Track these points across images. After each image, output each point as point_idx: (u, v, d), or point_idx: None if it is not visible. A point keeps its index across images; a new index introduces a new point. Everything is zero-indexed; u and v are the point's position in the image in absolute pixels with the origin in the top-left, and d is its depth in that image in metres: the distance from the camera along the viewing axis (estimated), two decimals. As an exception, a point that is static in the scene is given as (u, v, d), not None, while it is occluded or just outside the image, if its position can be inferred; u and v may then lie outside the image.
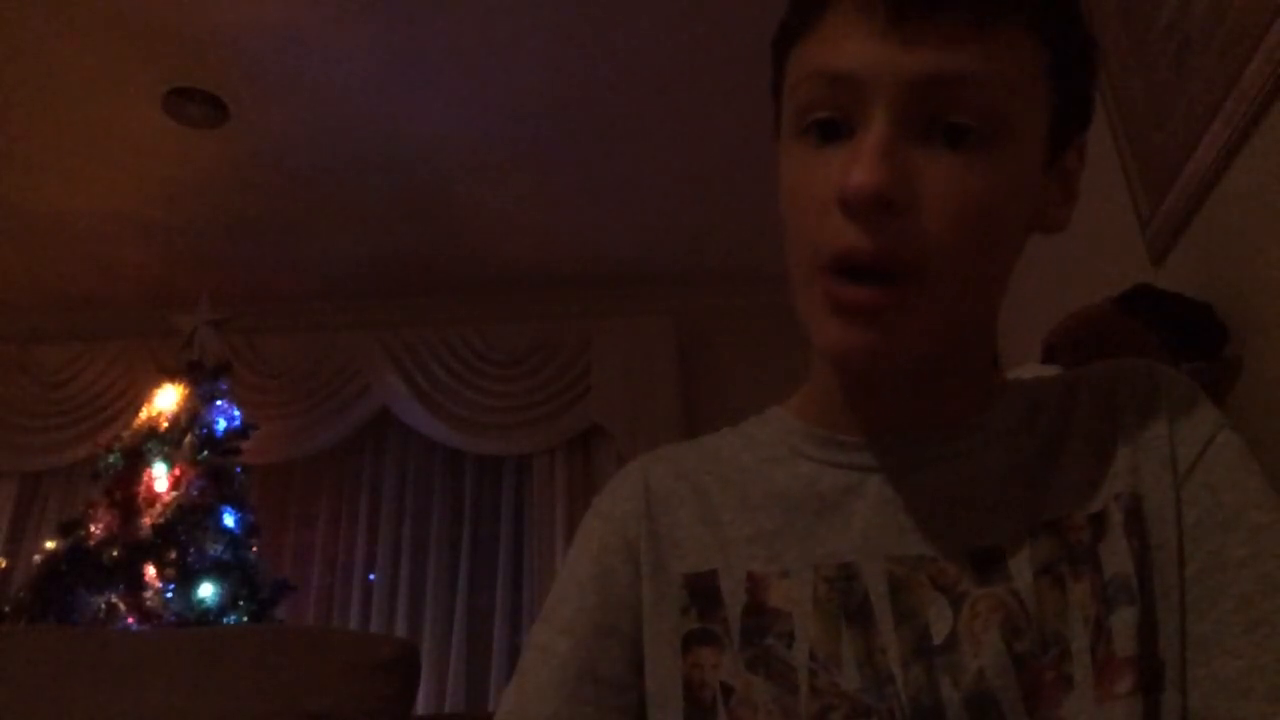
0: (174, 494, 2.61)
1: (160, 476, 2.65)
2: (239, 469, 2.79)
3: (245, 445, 2.85)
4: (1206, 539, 0.52)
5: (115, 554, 2.48)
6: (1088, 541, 0.53)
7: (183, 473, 2.65)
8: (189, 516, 2.56)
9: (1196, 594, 0.51)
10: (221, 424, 2.81)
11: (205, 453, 2.70)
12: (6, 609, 2.48)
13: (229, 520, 2.64)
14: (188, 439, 2.70)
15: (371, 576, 3.22)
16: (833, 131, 0.53)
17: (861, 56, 0.51)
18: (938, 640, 0.53)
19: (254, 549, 2.70)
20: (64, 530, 2.58)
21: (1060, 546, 0.54)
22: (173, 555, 2.49)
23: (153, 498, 2.60)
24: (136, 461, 2.67)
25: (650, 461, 0.67)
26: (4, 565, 3.03)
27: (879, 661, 0.53)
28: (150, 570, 2.47)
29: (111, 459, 2.70)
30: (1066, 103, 0.55)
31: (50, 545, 2.59)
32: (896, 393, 0.59)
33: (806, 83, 0.54)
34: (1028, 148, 0.53)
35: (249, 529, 2.70)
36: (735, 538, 0.60)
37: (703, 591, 0.58)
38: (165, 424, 2.75)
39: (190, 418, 2.76)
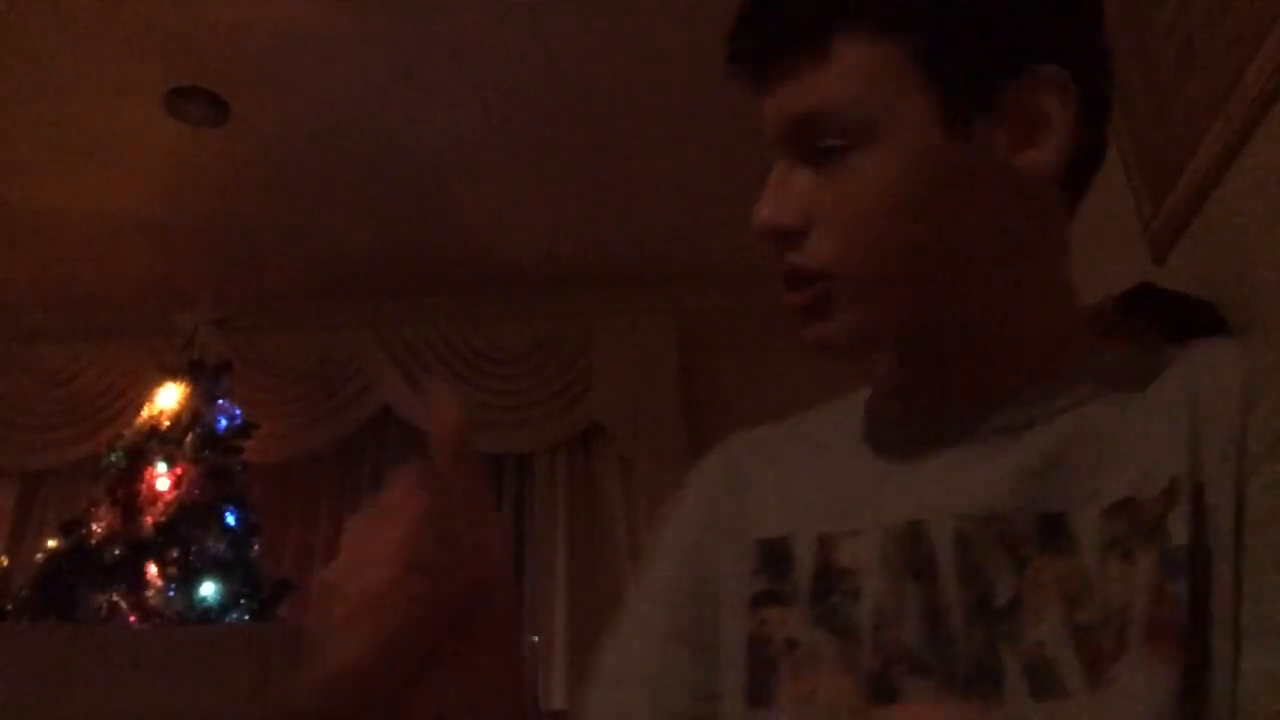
0: (175, 493, 2.61)
1: (162, 475, 2.65)
2: (240, 468, 2.79)
3: (247, 444, 2.85)
4: (1267, 533, 0.50)
5: (117, 552, 2.48)
6: (1158, 514, 0.52)
7: (184, 471, 2.65)
8: (190, 515, 2.57)
9: (1252, 588, 0.50)
10: (223, 423, 2.81)
11: (206, 451, 2.71)
12: (9, 607, 2.48)
13: (230, 519, 2.64)
14: (189, 438, 2.71)
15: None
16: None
17: (761, 119, 0.61)
18: (1000, 602, 0.53)
19: (255, 548, 2.70)
20: (65, 529, 2.58)
21: (1130, 522, 0.53)
22: (174, 554, 2.49)
23: (154, 496, 2.60)
24: (138, 460, 2.67)
25: (738, 440, 0.72)
26: (6, 564, 3.03)
27: (941, 619, 0.54)
28: (152, 569, 2.47)
29: (113, 458, 2.70)
30: (950, 68, 0.55)
31: (52, 544, 2.60)
32: (941, 367, 0.61)
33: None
34: (904, 135, 0.55)
35: (250, 528, 2.70)
36: (809, 501, 0.62)
37: (775, 556, 0.60)
38: (167, 423, 2.75)
39: (191, 416, 2.76)
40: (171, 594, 2.44)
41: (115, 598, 2.42)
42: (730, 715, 0.58)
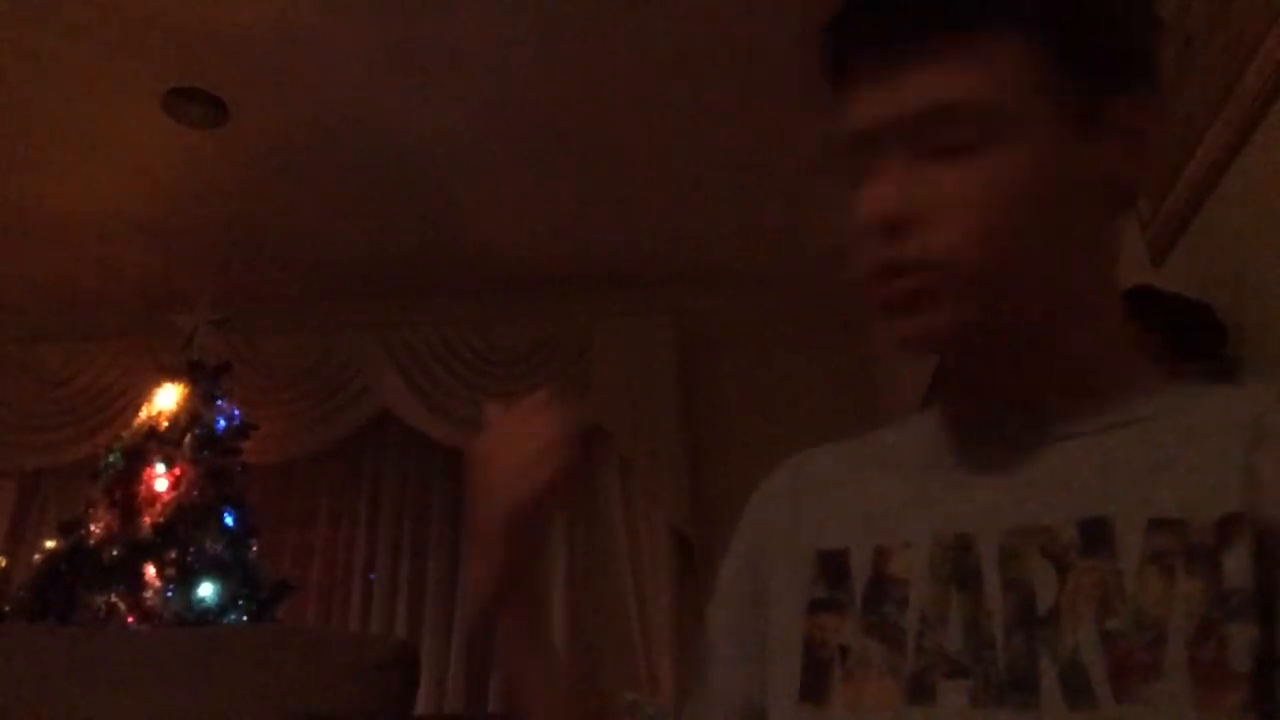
0: (174, 493, 2.61)
1: (160, 476, 2.64)
2: (239, 468, 2.79)
3: (245, 445, 2.85)
4: None
5: (115, 553, 2.48)
6: (1211, 545, 0.51)
7: (183, 472, 2.65)
8: (189, 516, 2.56)
9: None
10: (221, 423, 2.81)
11: (205, 452, 2.70)
12: (7, 608, 2.48)
13: (229, 520, 2.64)
14: (188, 439, 2.70)
15: (371, 576, 3.22)
16: (869, 167, 0.60)
17: (865, 113, 0.59)
18: (1041, 610, 0.54)
19: (254, 549, 2.69)
20: (64, 530, 2.58)
21: (1178, 543, 0.52)
22: (172, 555, 2.49)
23: (153, 497, 2.60)
24: (136, 461, 2.67)
25: (802, 458, 0.74)
26: (4, 564, 3.02)
27: (983, 625, 0.55)
28: (150, 570, 2.47)
29: (112, 458, 2.70)
30: (1078, 72, 0.57)
31: (50, 545, 2.59)
32: (1007, 376, 0.62)
33: (845, 140, 0.61)
34: (1034, 134, 0.56)
35: (249, 529, 2.70)
36: (868, 514, 0.64)
37: (834, 567, 0.63)
38: (165, 423, 2.75)
39: (190, 417, 2.76)
40: (170, 595, 2.44)
41: (114, 599, 2.42)
42: (777, 707, 0.62)
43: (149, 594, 2.44)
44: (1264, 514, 0.52)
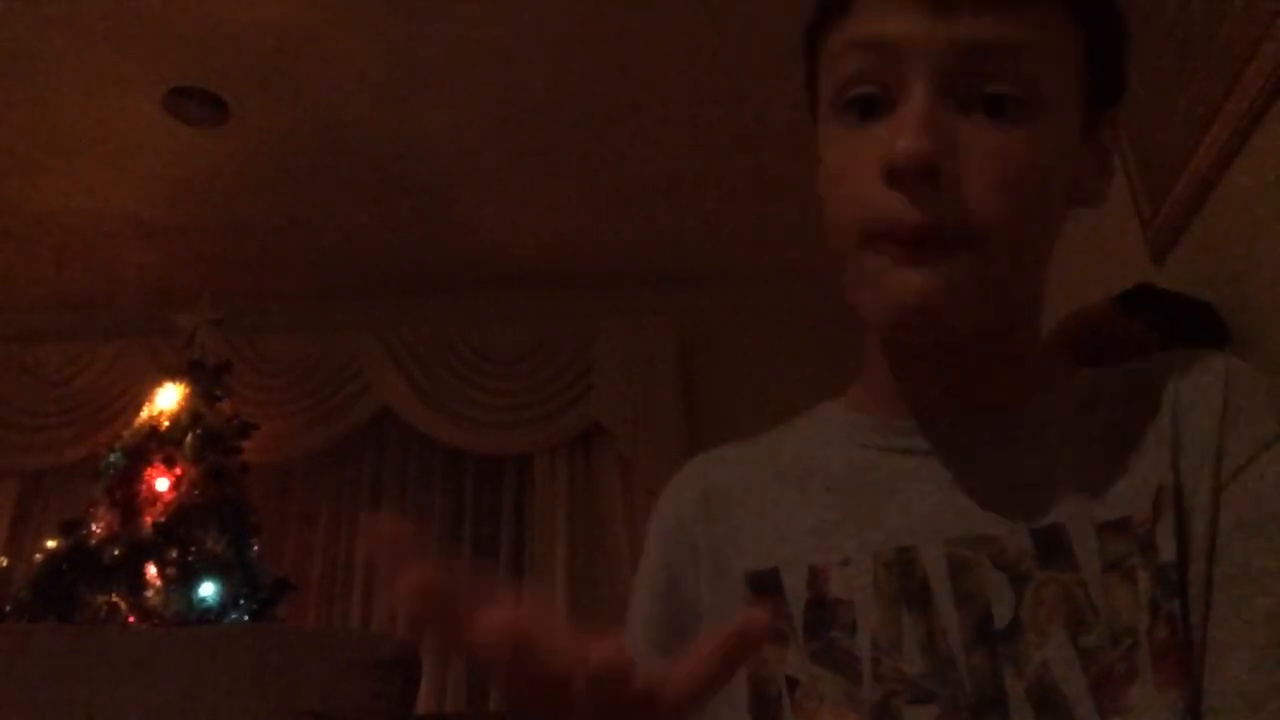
0: (175, 493, 2.61)
1: (161, 476, 2.65)
2: (240, 468, 2.79)
3: (246, 444, 2.85)
4: (1239, 543, 0.50)
5: (116, 553, 2.48)
6: (1149, 530, 0.52)
7: (184, 472, 2.65)
8: (190, 515, 2.57)
9: (1221, 598, 0.50)
10: (222, 423, 2.81)
11: (206, 452, 2.70)
12: (8, 608, 2.48)
13: (230, 519, 2.64)
14: (188, 438, 2.70)
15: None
16: (873, 107, 0.54)
17: (901, 27, 0.52)
18: (1000, 625, 0.52)
19: (255, 548, 2.70)
20: (65, 529, 2.58)
21: (1130, 542, 0.52)
22: (173, 554, 2.49)
23: (153, 497, 2.60)
24: (137, 461, 2.67)
25: (707, 463, 0.69)
26: (5, 564, 3.02)
27: (940, 644, 0.53)
28: (151, 569, 2.47)
29: (113, 458, 2.70)
30: (1100, 75, 0.57)
31: (51, 544, 2.60)
32: (946, 375, 0.59)
33: (846, 55, 0.55)
34: (1064, 119, 0.54)
35: (249, 528, 2.70)
36: (794, 530, 0.60)
37: (766, 590, 0.59)
38: (166, 423, 2.75)
39: (191, 417, 2.76)
40: (171, 594, 2.44)
41: (114, 598, 2.42)
42: None
43: (150, 593, 2.44)
44: (1182, 484, 0.52)
